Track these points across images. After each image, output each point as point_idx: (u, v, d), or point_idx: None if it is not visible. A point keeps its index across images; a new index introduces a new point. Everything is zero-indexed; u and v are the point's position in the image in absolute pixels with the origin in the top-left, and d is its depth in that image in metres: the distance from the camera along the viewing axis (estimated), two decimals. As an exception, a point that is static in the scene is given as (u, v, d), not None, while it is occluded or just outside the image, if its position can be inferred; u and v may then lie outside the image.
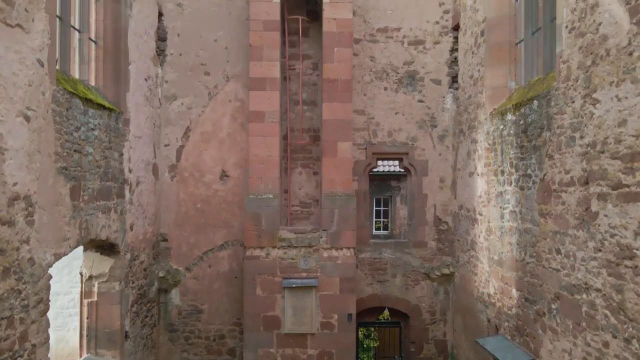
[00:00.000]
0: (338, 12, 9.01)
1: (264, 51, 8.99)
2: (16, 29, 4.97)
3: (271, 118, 8.97)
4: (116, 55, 7.80)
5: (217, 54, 10.06)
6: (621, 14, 4.65)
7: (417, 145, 10.14)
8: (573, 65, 5.47)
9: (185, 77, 10.03)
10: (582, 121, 5.28)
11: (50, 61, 5.61)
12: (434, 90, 10.16)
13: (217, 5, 10.07)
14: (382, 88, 10.15)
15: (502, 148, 7.42)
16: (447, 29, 10.16)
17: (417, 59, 10.17)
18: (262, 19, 8.99)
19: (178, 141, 10.03)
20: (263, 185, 8.95)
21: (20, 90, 5.02)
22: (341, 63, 9.01)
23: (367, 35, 10.18)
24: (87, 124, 6.60)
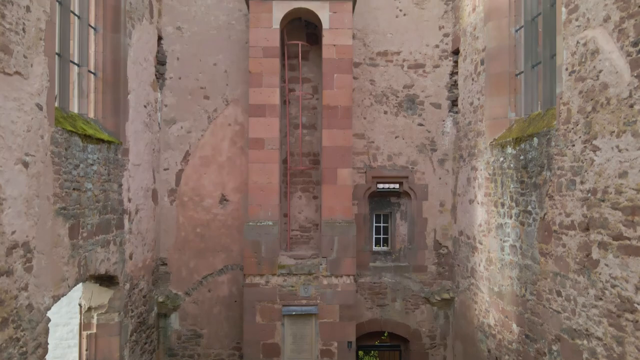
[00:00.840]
0: (338, 39, 8.99)
1: (264, 78, 8.96)
2: (15, 77, 4.96)
3: (271, 145, 8.95)
4: (115, 85, 7.78)
5: (216, 77, 10.05)
6: (622, 64, 4.63)
7: (417, 169, 10.12)
8: (573, 108, 5.45)
9: (184, 101, 10.01)
10: (582, 166, 5.26)
11: (49, 103, 5.59)
12: (433, 113, 10.14)
13: (217, 28, 10.06)
14: (382, 112, 10.13)
15: (502, 180, 7.40)
16: (447, 53, 10.14)
17: (417, 82, 10.15)
18: (261, 45, 8.97)
19: (177, 165, 10.01)
20: (262, 212, 8.93)
21: (18, 138, 5.00)
22: (341, 90, 8.99)
23: (367, 59, 10.17)
24: (86, 160, 6.58)
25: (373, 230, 15.74)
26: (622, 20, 4.61)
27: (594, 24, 5.07)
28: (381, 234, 15.94)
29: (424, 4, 10.16)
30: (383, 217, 15.77)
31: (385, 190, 10.06)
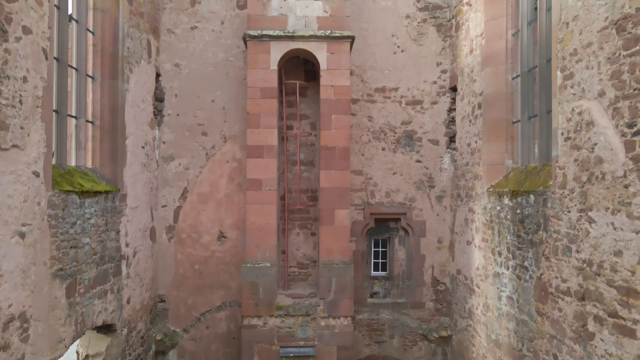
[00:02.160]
0: (335, 79, 9.00)
1: (262, 119, 8.97)
2: (11, 150, 4.97)
3: (269, 186, 8.96)
4: (113, 132, 7.80)
5: (214, 114, 10.06)
6: (616, 142, 4.65)
7: (415, 206, 10.14)
8: (569, 174, 5.46)
9: (182, 138, 10.03)
10: (578, 235, 5.27)
11: (46, 169, 5.60)
12: (431, 150, 10.15)
13: (215, 65, 10.08)
14: (380, 148, 10.15)
15: (499, 229, 7.41)
16: (444, 89, 10.16)
17: (415, 119, 10.17)
18: (259, 86, 8.98)
19: (176, 202, 10.01)
20: (260, 253, 8.93)
21: (15, 210, 5.01)
22: (339, 130, 9.00)
23: (365, 95, 10.19)
24: (83, 215, 6.59)
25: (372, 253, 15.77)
26: (617, 99, 4.62)
27: (589, 95, 5.09)
28: (380, 259, 16.04)
29: (421, 41, 10.18)
30: (382, 242, 15.86)
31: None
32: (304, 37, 8.92)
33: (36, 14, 5.38)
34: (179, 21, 10.07)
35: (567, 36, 5.50)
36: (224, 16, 10.11)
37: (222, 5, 10.11)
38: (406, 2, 10.18)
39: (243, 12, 10.04)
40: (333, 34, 8.90)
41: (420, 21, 10.19)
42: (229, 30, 10.11)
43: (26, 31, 5.20)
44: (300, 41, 8.96)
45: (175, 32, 10.06)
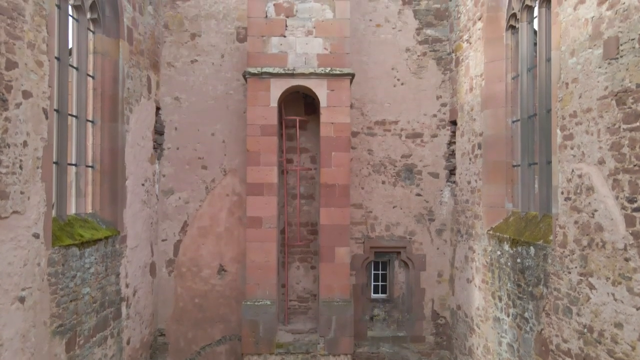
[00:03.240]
0: (335, 117, 9.00)
1: (261, 156, 8.97)
2: (11, 217, 4.97)
3: (269, 224, 8.95)
4: (113, 175, 7.80)
5: (214, 147, 10.06)
6: (617, 214, 4.64)
7: (415, 239, 10.13)
8: (569, 235, 5.46)
9: (182, 171, 10.03)
10: (578, 298, 5.27)
11: (46, 228, 5.60)
12: (431, 183, 10.16)
13: (215, 98, 10.08)
14: (380, 182, 10.15)
15: (500, 274, 7.40)
16: (444, 122, 10.16)
17: (415, 152, 10.17)
18: (259, 123, 8.98)
19: (176, 236, 10.01)
20: (260, 291, 8.92)
21: (15, 277, 5.01)
22: (339, 168, 8.99)
23: (365, 128, 10.19)
24: (83, 266, 6.58)
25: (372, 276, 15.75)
26: (618, 170, 4.62)
27: (589, 160, 5.09)
28: (379, 281, 16.03)
29: (421, 74, 10.18)
30: (382, 264, 15.85)
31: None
32: (304, 74, 8.92)
33: (36, 75, 5.39)
34: (179, 54, 10.08)
35: (567, 97, 5.50)
36: (224, 49, 10.11)
37: (222, 39, 10.12)
38: (406, 36, 10.19)
39: (243, 45, 10.05)
40: (333, 72, 8.90)
41: (420, 54, 10.19)
42: (229, 63, 10.11)
43: (26, 95, 5.20)
44: (300, 78, 8.97)
45: (175, 66, 10.07)
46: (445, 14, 10.17)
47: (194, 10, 10.10)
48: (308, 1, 9.04)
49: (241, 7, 10.08)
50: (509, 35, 7.80)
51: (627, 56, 4.49)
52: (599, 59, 4.90)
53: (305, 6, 9.04)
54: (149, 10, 9.28)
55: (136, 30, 8.56)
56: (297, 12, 9.04)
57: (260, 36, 9.02)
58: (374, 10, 10.20)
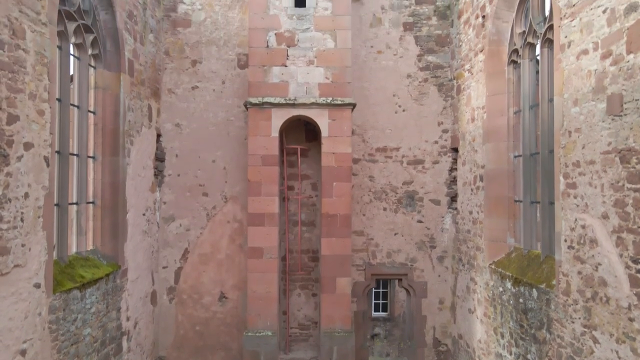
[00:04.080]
0: (337, 147, 8.99)
1: (263, 187, 8.95)
2: (12, 272, 4.95)
3: (270, 254, 8.93)
4: (114, 209, 7.78)
5: (215, 174, 10.04)
6: (621, 272, 4.62)
7: (416, 266, 10.11)
8: (572, 284, 5.44)
9: (183, 198, 10.00)
10: (582, 349, 5.24)
11: (47, 276, 5.58)
12: (433, 210, 10.13)
13: (216, 125, 10.06)
14: (382, 208, 10.13)
15: (502, 311, 7.38)
16: (446, 149, 10.15)
17: (417, 178, 10.15)
18: (260, 153, 8.96)
19: (176, 263, 9.99)
20: (261, 322, 8.90)
21: (16, 331, 4.99)
22: (340, 198, 8.98)
23: (366, 155, 10.17)
24: (84, 307, 6.56)
25: (372, 294, 15.74)
26: (622, 229, 4.60)
27: (593, 213, 5.07)
28: (380, 300, 16.02)
29: (422, 100, 10.17)
30: (382, 282, 15.83)
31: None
32: (305, 104, 8.91)
33: (38, 125, 5.37)
34: (180, 81, 10.07)
35: (570, 145, 5.48)
36: (224, 75, 10.10)
37: (222, 65, 10.10)
38: (407, 62, 10.17)
39: (244, 71, 10.03)
40: (334, 102, 8.89)
41: (421, 80, 10.18)
42: (230, 89, 10.10)
43: (28, 147, 5.18)
44: (301, 108, 8.96)
45: (176, 92, 10.05)
46: (447, 40, 10.16)
47: (195, 37, 10.09)
48: (309, 30, 9.03)
49: (242, 33, 10.07)
50: (510, 70, 7.79)
51: (631, 115, 4.47)
52: (603, 113, 4.89)
53: (307, 35, 9.02)
54: (150, 39, 9.26)
55: (137, 61, 8.54)
56: (299, 42, 9.02)
57: (261, 66, 9.01)
58: (375, 36, 10.18)
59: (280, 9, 9.04)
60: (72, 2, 6.72)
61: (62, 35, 6.47)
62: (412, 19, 10.19)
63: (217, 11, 10.11)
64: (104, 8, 7.48)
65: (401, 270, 10.11)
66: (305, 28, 9.02)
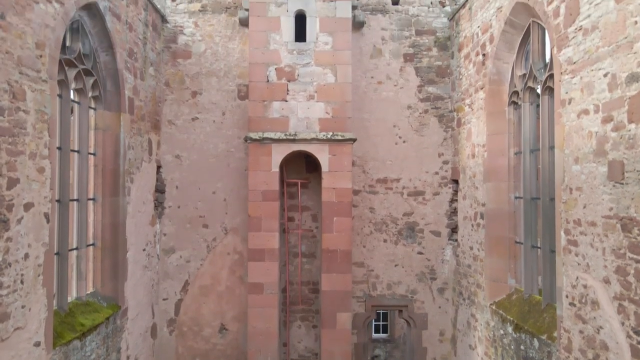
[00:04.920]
0: (337, 182, 8.98)
1: (263, 222, 8.94)
2: (13, 335, 4.93)
3: (270, 289, 8.92)
4: (114, 250, 7.77)
5: (215, 206, 10.03)
6: (622, 340, 4.61)
7: (417, 298, 10.09)
8: (574, 342, 5.43)
9: (183, 230, 9.99)
10: (583, 410, 5.23)
11: (47, 333, 5.56)
12: (433, 241, 10.12)
13: (216, 156, 10.05)
14: (382, 240, 10.12)
15: (503, 354, 7.37)
16: (446, 180, 10.14)
17: (417, 210, 10.14)
18: (260, 189, 8.95)
19: (177, 295, 9.97)
20: (262, 357, 8.88)
21: (16, 395, 4.97)
22: (340, 233, 8.97)
23: (366, 186, 10.16)
24: (84, 355, 6.54)
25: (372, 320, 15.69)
26: (623, 297, 4.59)
27: (595, 275, 5.06)
28: (380, 321, 16.00)
29: (423, 131, 10.16)
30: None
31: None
32: (305, 140, 8.91)
33: (38, 183, 5.36)
34: (180, 112, 10.06)
35: (571, 202, 5.47)
36: (224, 107, 10.09)
37: (223, 96, 10.10)
38: (407, 93, 10.17)
39: (244, 102, 10.02)
40: (335, 137, 8.89)
41: (421, 112, 10.18)
42: (230, 120, 10.09)
43: (28, 207, 5.17)
44: (301, 143, 8.95)
45: (176, 124, 10.05)
46: (447, 72, 10.15)
47: (195, 68, 10.09)
48: (310, 65, 9.03)
49: (242, 64, 10.06)
50: (511, 110, 7.78)
51: (632, 185, 4.47)
52: (604, 177, 4.88)
53: (307, 70, 9.02)
54: (150, 72, 9.26)
55: (137, 98, 8.54)
56: (299, 76, 9.02)
57: (261, 100, 9.01)
58: (376, 67, 10.18)
59: (281, 44, 9.04)
60: (72, 49, 6.73)
61: (63, 84, 6.46)
62: (413, 50, 10.18)
63: (218, 42, 10.11)
64: (104, 50, 7.47)
65: (401, 301, 10.09)
66: (306, 63, 9.02)
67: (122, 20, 7.77)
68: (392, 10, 10.20)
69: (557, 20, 5.78)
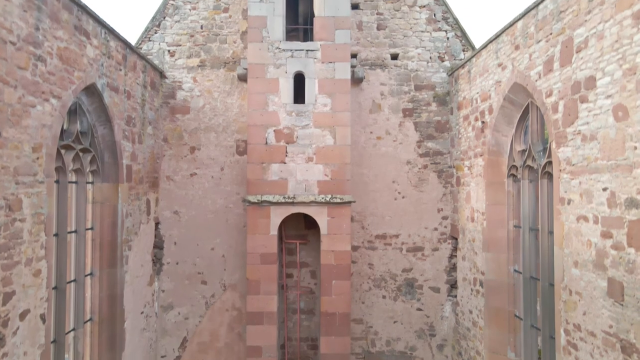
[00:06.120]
0: (336, 245, 8.95)
1: (262, 285, 8.91)
2: None
3: (268, 353, 8.88)
4: (111, 322, 7.72)
5: (214, 262, 10.00)
6: None
7: (416, 355, 10.05)
8: None
9: (182, 286, 9.96)
10: None
11: None
12: (432, 298, 10.09)
13: (214, 212, 10.03)
14: (381, 296, 10.08)
15: None
16: (445, 236, 10.10)
17: (416, 266, 10.10)
18: (259, 252, 8.92)
19: (175, 352, 9.93)
20: (260, 421, 8.85)
21: None
22: (339, 296, 8.93)
23: (365, 242, 10.13)
24: None
25: None
26: (623, 419, 4.55)
27: (594, 386, 5.02)
28: None
29: (422, 187, 10.13)
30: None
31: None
32: (304, 202, 8.88)
33: (34, 288, 5.32)
34: (179, 168, 10.04)
35: (571, 304, 5.44)
36: (223, 162, 10.07)
37: (221, 152, 10.07)
38: (407, 148, 10.14)
39: (243, 157, 10.00)
40: (334, 200, 8.86)
41: (421, 167, 10.15)
42: (229, 176, 10.06)
43: (23, 315, 5.14)
44: (300, 206, 8.93)
45: (175, 180, 10.02)
46: (446, 127, 10.13)
47: (194, 124, 10.07)
48: (309, 127, 9.00)
49: (241, 119, 10.04)
50: (510, 182, 7.76)
51: (631, 310, 4.43)
52: (604, 292, 4.85)
53: (306, 132, 9.00)
54: (149, 131, 9.23)
55: (135, 163, 8.51)
56: (298, 139, 8.99)
57: (260, 163, 8.98)
58: (375, 122, 10.16)
59: (279, 105, 9.01)
60: (70, 132, 6.70)
61: (60, 170, 6.43)
62: (412, 104, 10.17)
63: (216, 97, 10.09)
64: (102, 123, 7.44)
65: (400, 358, 10.05)
66: (305, 124, 9.00)
67: (120, 91, 7.76)
68: (391, 64, 10.19)
69: (556, 116, 5.76)
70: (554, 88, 5.80)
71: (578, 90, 5.28)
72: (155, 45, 10.07)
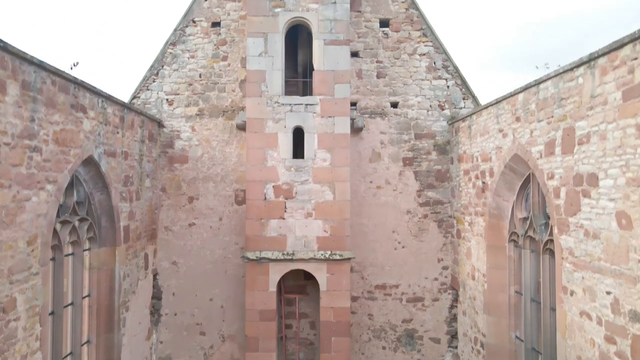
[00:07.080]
0: (335, 301, 8.87)
1: (260, 342, 8.83)
2: None
3: (267, 411, 8.80)
4: (109, 388, 7.64)
5: (212, 313, 9.92)
6: None
7: (417, 407, 9.98)
8: None
9: (180, 338, 9.87)
10: None
11: None
12: (432, 349, 10.01)
13: (213, 263, 9.95)
14: (381, 347, 10.00)
15: None
16: (446, 286, 10.03)
17: (416, 316, 10.03)
18: (258, 309, 8.84)
19: (173, 404, 9.85)
20: None
21: None
22: (339, 353, 8.85)
23: (365, 292, 10.05)
24: None
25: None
26: None
27: None
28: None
29: (422, 237, 10.06)
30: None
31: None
32: (303, 259, 8.83)
33: (29, 383, 5.24)
34: (177, 218, 9.96)
35: (574, 398, 5.36)
36: (222, 212, 9.99)
37: (220, 201, 10.00)
38: (407, 198, 10.07)
39: (241, 207, 9.92)
40: (333, 256, 8.79)
41: (421, 216, 10.08)
42: (227, 226, 9.99)
43: (18, 416, 5.05)
44: (299, 262, 8.87)
45: (173, 230, 9.94)
46: (447, 176, 10.06)
47: (192, 173, 9.99)
48: (308, 182, 8.93)
49: (239, 169, 9.97)
50: (512, 247, 7.69)
51: None
52: (607, 397, 4.77)
53: (305, 188, 8.93)
54: (147, 184, 9.16)
55: (133, 221, 8.43)
56: (297, 194, 8.92)
57: (259, 219, 8.91)
58: (375, 171, 10.09)
59: (278, 160, 8.94)
60: (66, 206, 6.62)
61: (56, 248, 6.35)
62: (412, 153, 10.10)
63: (215, 147, 10.02)
64: (99, 190, 7.37)
65: (401, 410, 9.97)
66: (304, 180, 8.93)
67: (117, 154, 7.69)
68: (391, 113, 10.12)
69: (558, 201, 5.69)
70: (556, 172, 5.73)
71: (580, 183, 5.22)
72: (154, 94, 10.00)
